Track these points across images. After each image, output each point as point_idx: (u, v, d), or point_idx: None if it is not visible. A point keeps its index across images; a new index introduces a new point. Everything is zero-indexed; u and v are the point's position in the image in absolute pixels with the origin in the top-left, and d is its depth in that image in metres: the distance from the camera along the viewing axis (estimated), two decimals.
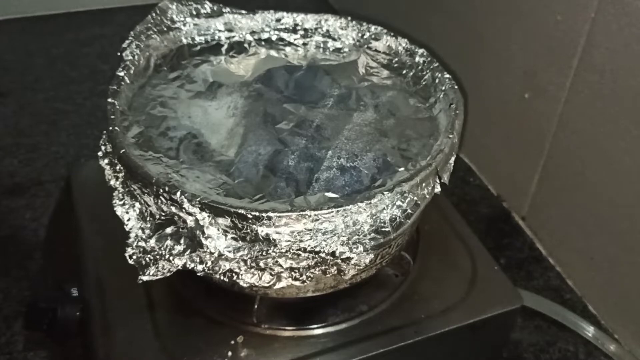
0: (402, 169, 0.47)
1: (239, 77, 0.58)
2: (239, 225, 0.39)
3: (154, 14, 0.58)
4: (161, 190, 0.41)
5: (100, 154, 0.48)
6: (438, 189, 0.46)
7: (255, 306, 0.49)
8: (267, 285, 0.42)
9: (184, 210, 0.40)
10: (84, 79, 1.07)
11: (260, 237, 0.40)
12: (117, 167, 0.45)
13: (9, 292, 0.68)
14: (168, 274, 0.41)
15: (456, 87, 0.53)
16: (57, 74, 1.07)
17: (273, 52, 0.62)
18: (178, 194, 0.40)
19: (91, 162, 0.60)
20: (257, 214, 0.39)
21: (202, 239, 0.40)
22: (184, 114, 0.52)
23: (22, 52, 1.14)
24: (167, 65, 0.58)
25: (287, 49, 0.62)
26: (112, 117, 0.47)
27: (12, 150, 0.90)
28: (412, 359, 0.52)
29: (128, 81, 0.52)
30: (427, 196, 0.45)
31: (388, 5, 1.03)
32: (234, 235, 0.40)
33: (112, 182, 0.46)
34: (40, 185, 0.84)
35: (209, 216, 0.40)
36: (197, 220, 0.40)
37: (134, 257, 0.41)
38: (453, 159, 0.48)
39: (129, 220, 0.43)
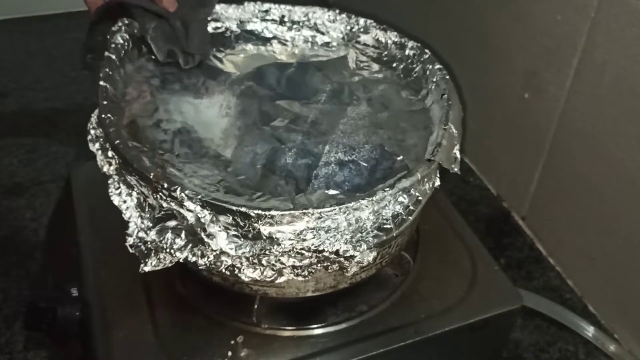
0: (400, 157, 0.47)
1: (227, 74, 0.58)
2: (241, 224, 0.39)
3: None
4: (160, 187, 0.40)
5: (89, 137, 0.46)
6: (437, 183, 0.46)
7: (255, 306, 0.49)
8: (269, 280, 0.42)
9: (184, 208, 0.40)
10: (84, 79, 1.06)
11: (263, 235, 0.39)
12: (110, 153, 0.44)
13: (9, 292, 0.68)
14: (170, 265, 0.41)
15: (447, 77, 0.53)
16: (57, 74, 1.07)
17: (261, 48, 0.61)
18: (178, 190, 0.39)
19: (91, 162, 0.60)
20: (259, 212, 0.39)
21: (204, 236, 0.40)
22: (175, 108, 0.52)
23: (22, 52, 1.14)
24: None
25: (275, 44, 0.62)
26: (105, 102, 0.46)
27: (12, 150, 0.90)
28: (412, 359, 0.52)
29: (118, 64, 0.51)
30: (428, 191, 0.45)
31: (385, 3, 1.03)
32: (235, 233, 0.40)
33: (105, 169, 0.44)
34: (40, 185, 0.84)
35: (210, 214, 0.39)
36: (197, 218, 0.40)
37: (135, 246, 0.41)
38: (457, 147, 0.47)
39: (127, 209, 0.42)
